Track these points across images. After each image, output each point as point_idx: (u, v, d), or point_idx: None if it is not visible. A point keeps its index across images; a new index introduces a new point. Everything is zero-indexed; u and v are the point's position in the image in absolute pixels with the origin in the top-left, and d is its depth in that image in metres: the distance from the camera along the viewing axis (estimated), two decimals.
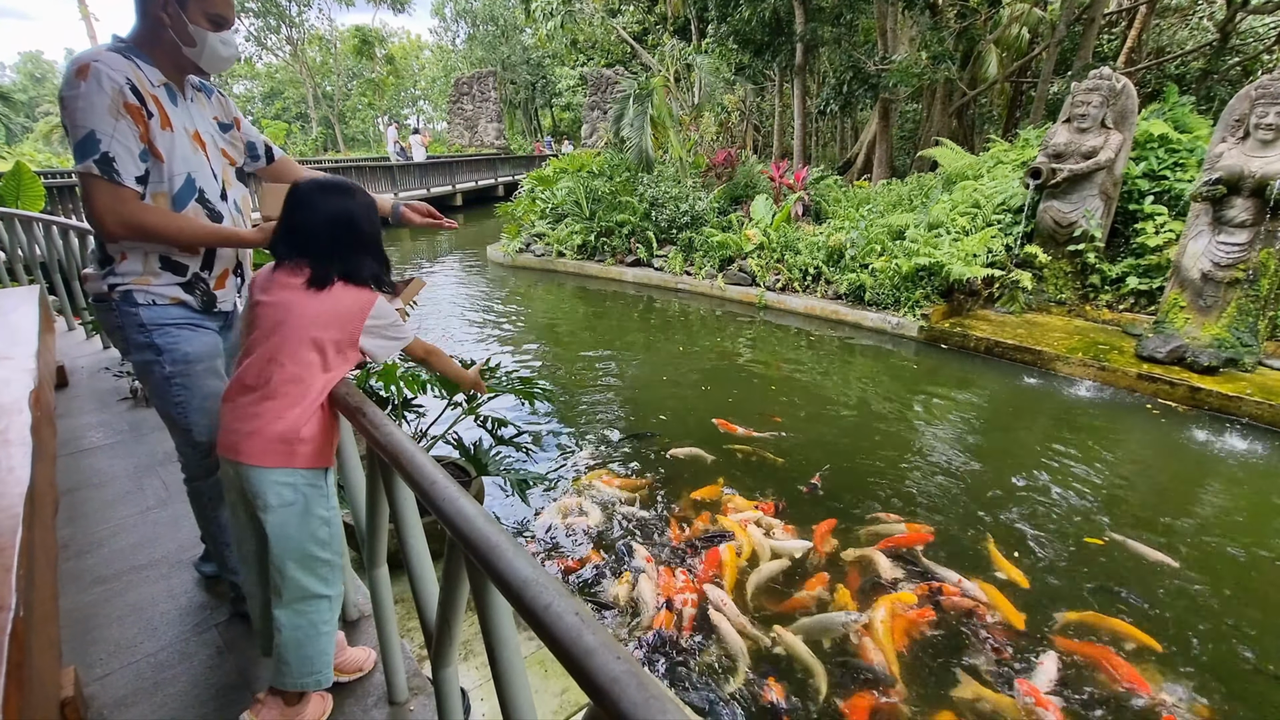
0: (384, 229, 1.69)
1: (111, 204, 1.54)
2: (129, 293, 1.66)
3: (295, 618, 1.53)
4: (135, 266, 1.67)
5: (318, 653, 1.56)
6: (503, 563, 0.84)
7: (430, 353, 1.75)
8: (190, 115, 1.71)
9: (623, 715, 0.61)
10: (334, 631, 1.61)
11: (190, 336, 1.74)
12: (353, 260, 1.52)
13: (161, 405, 1.79)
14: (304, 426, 1.48)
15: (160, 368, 1.71)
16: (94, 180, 1.51)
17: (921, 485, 4.08)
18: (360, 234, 1.53)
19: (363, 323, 1.51)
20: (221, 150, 1.81)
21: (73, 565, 2.28)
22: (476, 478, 3.02)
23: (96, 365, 4.35)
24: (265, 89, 45.32)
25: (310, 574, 1.53)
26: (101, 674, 1.81)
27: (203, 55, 1.65)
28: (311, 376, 1.48)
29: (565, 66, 31.14)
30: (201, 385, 1.76)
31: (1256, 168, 5.17)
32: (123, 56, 1.55)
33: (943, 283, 6.98)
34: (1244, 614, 2.99)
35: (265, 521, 1.49)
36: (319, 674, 1.57)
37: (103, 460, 3.05)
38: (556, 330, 7.92)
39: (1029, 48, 10.83)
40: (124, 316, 1.68)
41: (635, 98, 10.53)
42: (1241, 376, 5.27)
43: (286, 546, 1.50)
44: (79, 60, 1.50)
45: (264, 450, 1.46)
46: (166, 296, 1.70)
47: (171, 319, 1.71)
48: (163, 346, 1.70)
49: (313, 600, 1.54)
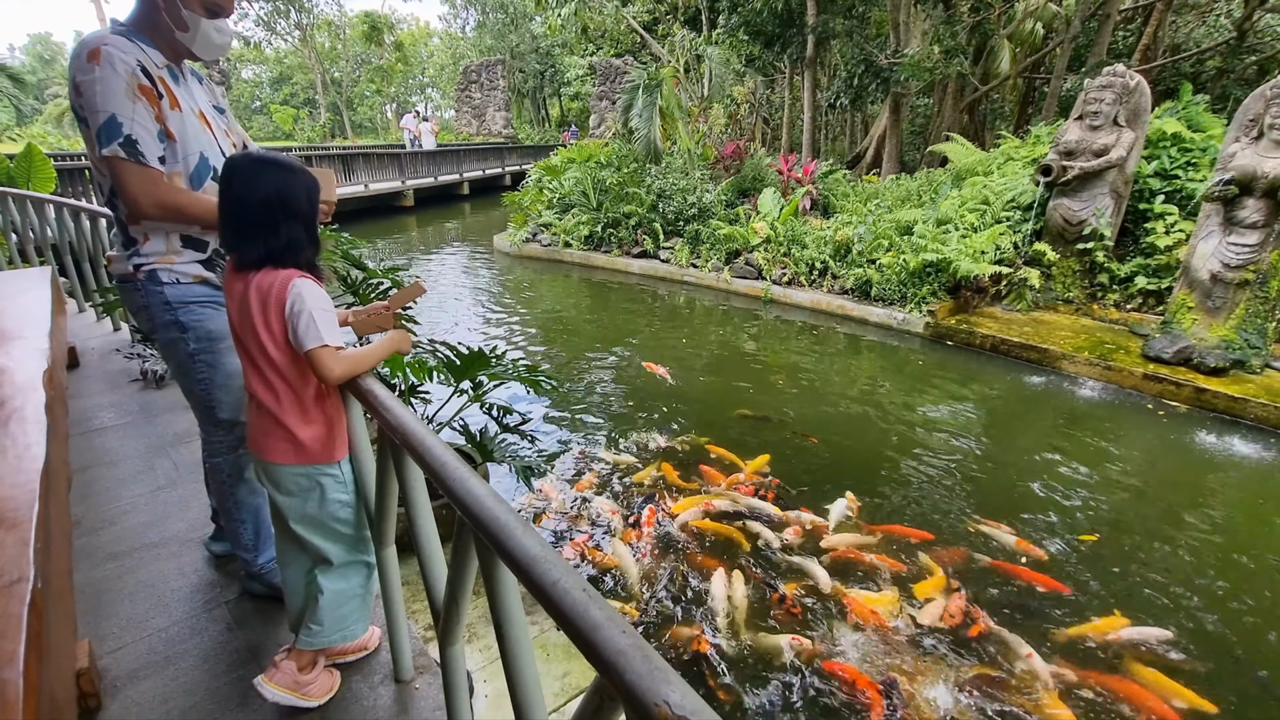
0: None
1: (145, 186, 1.57)
2: (154, 272, 1.70)
3: (338, 581, 1.61)
4: (159, 246, 1.70)
5: (351, 611, 1.65)
6: (512, 541, 0.86)
7: (345, 364, 1.46)
8: (192, 95, 1.73)
9: (628, 686, 0.63)
10: (366, 594, 1.68)
11: (214, 315, 1.78)
12: (276, 238, 1.40)
13: (185, 382, 1.83)
14: (302, 428, 1.49)
15: (185, 345, 1.76)
16: (123, 164, 1.54)
17: (914, 482, 4.10)
18: (291, 209, 1.40)
19: (285, 307, 1.40)
20: (225, 130, 1.85)
21: (86, 542, 2.32)
22: (482, 464, 3.05)
23: (107, 347, 4.39)
24: (274, 74, 45.29)
25: (343, 545, 1.61)
26: (114, 647, 1.85)
27: (195, 41, 1.66)
28: (283, 379, 1.46)
29: (574, 55, 30.96)
30: (224, 363, 1.80)
31: (1270, 168, 5.12)
32: (128, 39, 1.56)
33: (950, 279, 6.96)
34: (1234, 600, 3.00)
35: (283, 504, 1.55)
36: (346, 631, 1.66)
37: (114, 440, 3.09)
38: (562, 320, 7.93)
39: (1043, 43, 10.70)
40: (149, 295, 1.72)
41: (644, 88, 10.48)
42: (1248, 378, 5.25)
43: (311, 524, 1.56)
44: (88, 44, 1.51)
45: (274, 448, 1.51)
46: (190, 275, 1.74)
47: (195, 297, 1.75)
48: (187, 324, 1.74)
49: (353, 566, 1.63)
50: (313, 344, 1.40)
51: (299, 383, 1.48)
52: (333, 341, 1.42)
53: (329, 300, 1.47)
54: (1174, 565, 3.33)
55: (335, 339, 1.43)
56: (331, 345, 1.42)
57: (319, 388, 1.51)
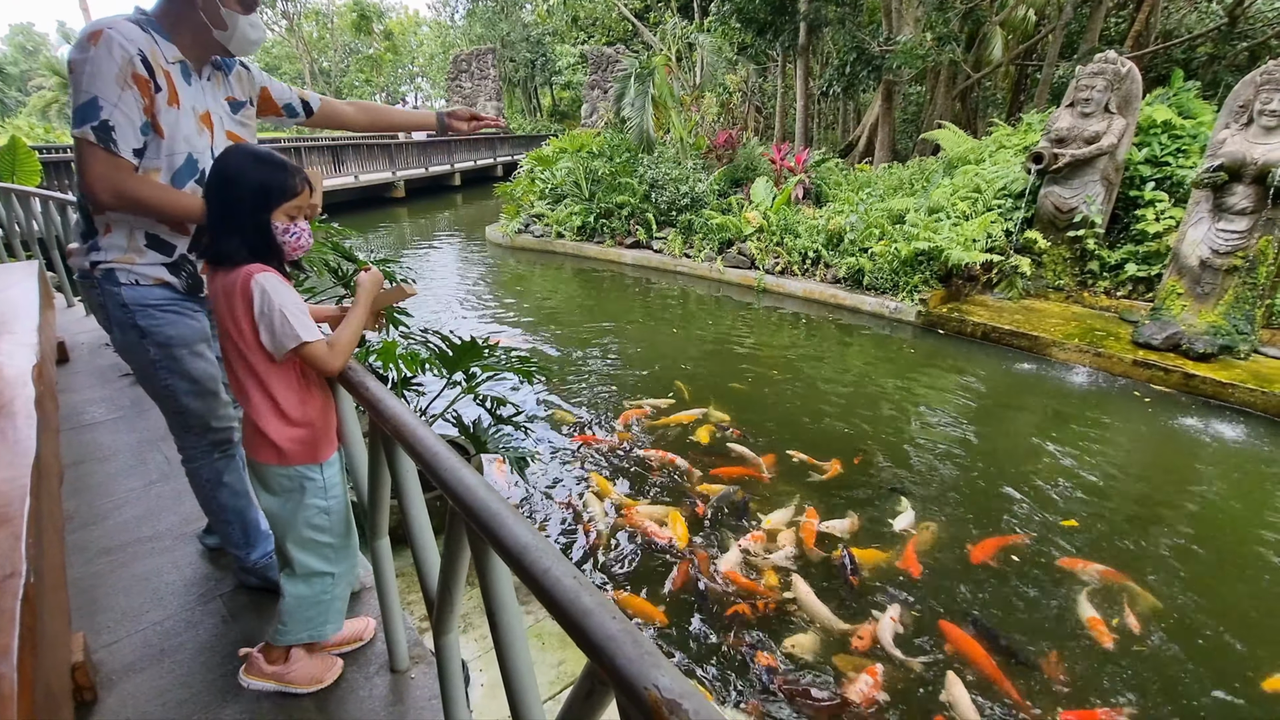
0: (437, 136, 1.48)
1: (105, 172, 1.51)
2: (111, 271, 1.63)
3: (300, 587, 1.59)
4: (119, 241, 1.63)
5: (317, 614, 1.63)
6: (503, 530, 0.86)
7: (339, 352, 1.45)
8: (203, 95, 1.67)
9: (618, 671, 0.64)
10: (336, 599, 1.66)
11: (175, 320, 1.70)
12: (228, 232, 1.36)
13: (150, 388, 1.77)
14: (280, 430, 1.47)
15: (145, 350, 1.69)
16: (89, 147, 1.49)
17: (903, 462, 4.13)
18: (244, 201, 1.36)
19: (250, 302, 1.35)
20: (228, 132, 1.77)
21: (79, 536, 2.31)
22: (476, 455, 3.05)
23: (97, 341, 4.36)
24: (261, 64, 44.63)
25: (310, 553, 1.58)
26: (109, 640, 1.85)
27: (233, 39, 1.62)
28: (257, 380, 1.44)
29: (566, 44, 30.71)
30: (190, 369, 1.73)
31: (1259, 155, 5.15)
32: (140, 29, 1.52)
33: (941, 268, 6.98)
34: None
35: (265, 503, 1.55)
36: (313, 631, 1.64)
37: (105, 435, 3.08)
38: (555, 311, 7.92)
39: (1035, 30, 10.70)
40: (106, 295, 1.65)
41: (636, 76, 10.42)
42: (1236, 364, 5.31)
43: (283, 529, 1.56)
44: (94, 25, 1.48)
45: (259, 448, 1.50)
46: (150, 277, 1.66)
47: (154, 300, 1.67)
48: (146, 329, 1.67)
49: (315, 576, 1.60)
50: (293, 343, 1.37)
51: (275, 384, 1.45)
52: (313, 336, 1.39)
53: (294, 292, 1.42)
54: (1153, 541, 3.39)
55: (313, 332, 1.40)
56: (315, 340, 1.39)
57: (299, 390, 1.48)
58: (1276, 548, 3.39)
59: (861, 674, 2.53)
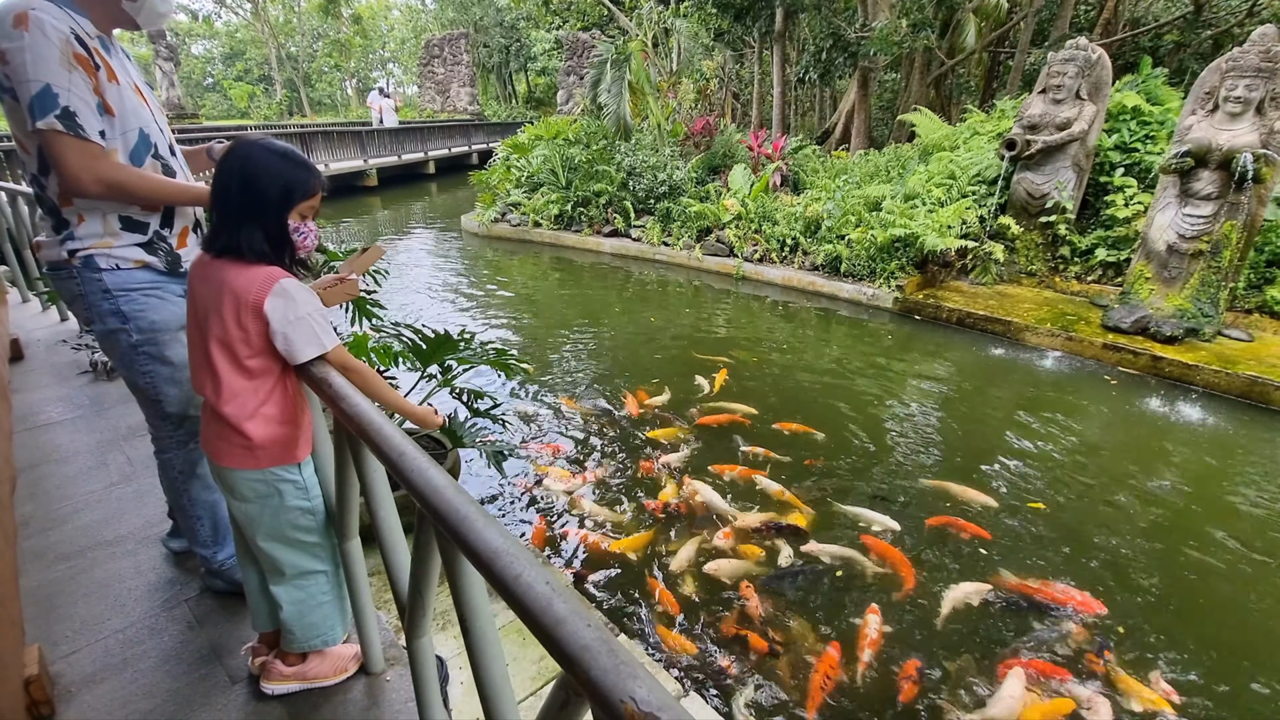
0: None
1: (85, 161, 1.45)
2: (91, 257, 1.59)
3: (294, 592, 1.55)
4: (95, 228, 1.59)
5: (321, 618, 1.60)
6: (473, 534, 0.83)
7: (349, 369, 1.40)
8: (125, 68, 1.62)
9: (593, 682, 0.61)
10: (335, 599, 1.63)
11: (158, 304, 1.67)
12: (263, 230, 1.33)
13: (129, 376, 1.73)
14: (259, 429, 1.40)
15: (127, 336, 1.65)
16: (61, 137, 1.42)
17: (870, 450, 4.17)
18: (287, 204, 1.34)
19: (265, 303, 1.31)
20: (160, 107, 1.74)
21: (35, 543, 2.22)
22: (452, 450, 2.99)
23: (54, 338, 4.19)
24: (225, 49, 43.28)
25: (300, 552, 1.54)
26: (68, 651, 1.78)
27: (141, 10, 1.57)
28: (246, 376, 1.39)
29: (540, 29, 30.20)
30: (170, 354, 1.70)
31: (1224, 140, 5.25)
32: (56, 5, 1.45)
33: (917, 254, 7.03)
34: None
35: (238, 511, 1.49)
36: (324, 635, 1.62)
37: (63, 435, 2.96)
38: (533, 301, 7.83)
39: (1007, 17, 10.76)
40: (86, 283, 1.60)
41: (613, 63, 10.26)
42: (1201, 346, 5.44)
43: (266, 533, 1.49)
44: (12, 8, 1.39)
45: (227, 452, 1.43)
46: (130, 260, 1.63)
47: (137, 284, 1.64)
48: (129, 314, 1.64)
49: (308, 576, 1.56)
50: (315, 351, 1.36)
51: (260, 381, 1.40)
52: (334, 343, 1.38)
53: (317, 298, 1.40)
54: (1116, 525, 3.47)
55: (332, 340, 1.39)
56: (335, 345, 1.38)
57: (281, 385, 1.43)
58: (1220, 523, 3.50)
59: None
